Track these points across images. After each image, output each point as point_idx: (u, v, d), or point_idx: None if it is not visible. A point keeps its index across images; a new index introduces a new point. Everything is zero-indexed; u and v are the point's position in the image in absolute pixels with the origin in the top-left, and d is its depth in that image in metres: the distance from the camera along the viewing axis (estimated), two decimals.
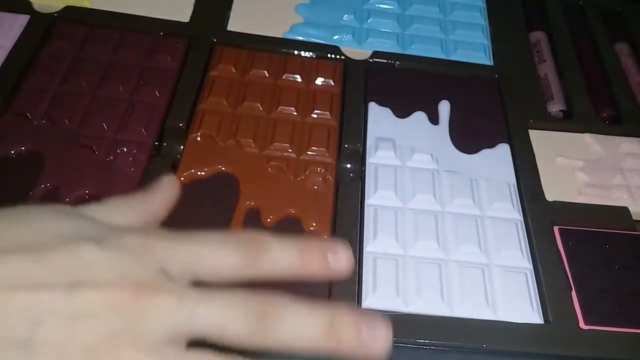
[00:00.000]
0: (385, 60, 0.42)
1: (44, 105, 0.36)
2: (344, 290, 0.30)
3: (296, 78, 0.40)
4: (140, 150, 0.35)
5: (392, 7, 0.46)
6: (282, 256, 0.25)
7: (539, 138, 0.39)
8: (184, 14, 0.43)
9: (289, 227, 0.33)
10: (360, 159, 0.36)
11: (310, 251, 0.25)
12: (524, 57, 0.44)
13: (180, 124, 0.36)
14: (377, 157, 0.36)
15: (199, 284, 0.24)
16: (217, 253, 0.24)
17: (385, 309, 0.30)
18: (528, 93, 0.42)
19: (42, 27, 0.40)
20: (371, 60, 0.42)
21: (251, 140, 0.36)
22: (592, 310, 0.31)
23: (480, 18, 0.47)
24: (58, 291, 0.21)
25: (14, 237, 0.22)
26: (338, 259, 0.26)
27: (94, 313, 0.22)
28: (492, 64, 0.43)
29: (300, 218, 0.33)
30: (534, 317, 0.30)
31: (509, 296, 0.31)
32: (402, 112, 0.39)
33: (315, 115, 0.38)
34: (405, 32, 0.45)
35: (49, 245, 0.22)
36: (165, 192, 0.29)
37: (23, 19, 0.41)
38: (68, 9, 0.42)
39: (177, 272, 0.24)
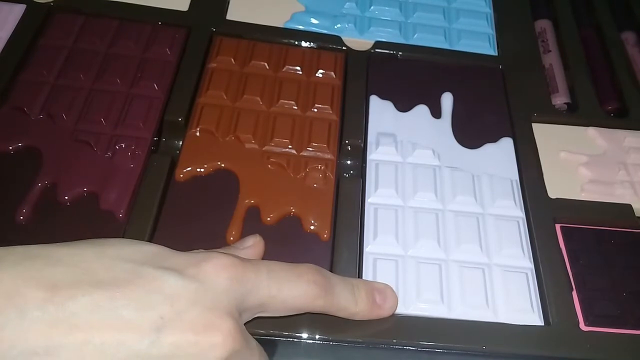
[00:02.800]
0: (388, 51, 0.41)
1: (42, 99, 0.36)
2: None
3: (297, 70, 0.39)
4: (138, 146, 0.34)
5: None
6: (342, 292, 0.27)
7: (542, 132, 0.38)
8: (182, 3, 0.42)
9: (289, 226, 0.32)
10: (361, 155, 0.36)
11: (361, 291, 0.28)
12: (529, 47, 0.44)
13: (179, 119, 0.36)
14: (378, 153, 0.36)
15: None
16: (292, 285, 0.25)
17: None
18: (532, 85, 0.41)
19: (39, 17, 0.40)
20: (373, 51, 0.41)
21: (251, 136, 0.35)
22: (593, 311, 0.31)
23: (484, 6, 0.46)
24: (143, 332, 0.20)
25: (91, 265, 0.21)
26: (385, 299, 0.28)
27: (181, 356, 0.20)
28: (496, 54, 0.43)
29: (300, 217, 0.33)
30: (534, 318, 0.30)
31: (510, 297, 0.31)
32: (403, 105, 0.38)
33: (315, 110, 0.37)
34: (408, 21, 0.44)
35: (131, 277, 0.21)
36: (250, 250, 0.28)
37: (19, 9, 0.40)
38: None
39: (253, 305, 0.24)
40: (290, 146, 0.35)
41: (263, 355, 0.24)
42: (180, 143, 0.35)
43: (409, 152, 0.36)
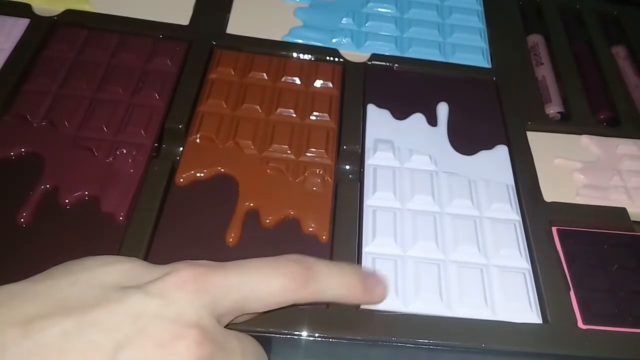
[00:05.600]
0: (384, 63, 0.42)
1: (44, 108, 0.36)
2: None
3: (295, 80, 0.40)
4: (139, 152, 0.35)
5: (390, 11, 0.47)
6: (328, 278, 0.26)
7: (536, 140, 0.39)
8: (183, 17, 0.43)
9: (288, 228, 0.33)
10: (358, 160, 0.36)
11: (351, 274, 0.27)
12: (521, 60, 0.45)
13: (180, 126, 0.36)
14: (376, 159, 0.36)
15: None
16: (267, 281, 0.25)
17: (384, 309, 0.30)
18: (526, 95, 0.42)
19: (42, 31, 0.41)
20: (370, 63, 0.42)
21: (250, 142, 0.36)
22: (591, 310, 0.31)
23: (478, 22, 0.47)
24: (108, 352, 0.21)
25: (63, 295, 0.22)
26: (376, 283, 0.28)
27: None
28: (490, 66, 0.44)
29: (299, 219, 0.33)
30: (533, 317, 0.30)
31: (508, 296, 0.31)
32: (400, 114, 0.39)
33: (314, 117, 0.38)
34: (404, 35, 0.45)
35: (98, 301, 0.22)
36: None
37: (23, 23, 0.41)
38: (68, 12, 0.42)
39: (227, 309, 0.24)
40: (289, 152, 0.36)
41: (249, 351, 0.24)
42: (181, 149, 0.36)
43: (407, 158, 0.36)
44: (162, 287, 0.23)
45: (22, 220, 0.32)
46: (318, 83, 0.40)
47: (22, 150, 0.34)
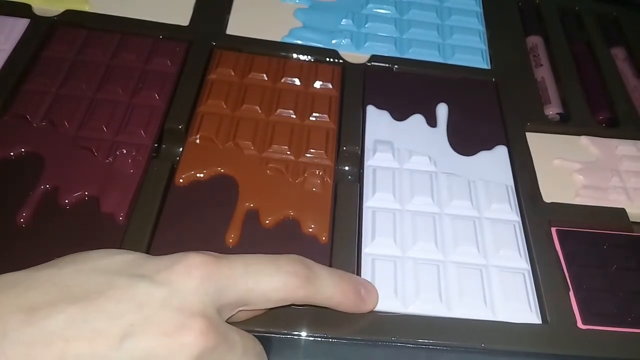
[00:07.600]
0: (384, 64, 0.42)
1: (44, 108, 0.36)
2: None
3: (295, 81, 0.40)
4: (139, 152, 0.35)
5: (389, 12, 0.47)
6: (327, 282, 0.26)
7: (536, 140, 0.39)
8: (183, 18, 0.43)
9: (288, 228, 0.33)
10: (358, 161, 0.36)
11: (347, 282, 0.28)
12: (521, 61, 0.45)
13: (180, 126, 0.36)
14: (375, 160, 0.36)
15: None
16: (270, 276, 0.25)
17: (384, 310, 0.30)
18: (525, 96, 0.42)
19: (42, 31, 0.41)
20: (369, 64, 0.42)
21: (250, 143, 0.36)
22: (590, 311, 0.31)
23: (477, 23, 0.47)
24: (114, 340, 0.21)
25: (68, 283, 0.22)
26: (369, 294, 0.29)
27: (154, 357, 0.21)
28: (489, 67, 0.44)
29: (299, 220, 0.33)
30: (532, 317, 0.30)
31: (507, 296, 0.31)
32: (400, 115, 0.39)
33: (313, 118, 0.38)
34: (403, 37, 0.45)
35: (103, 289, 0.22)
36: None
37: (23, 23, 0.41)
38: (68, 13, 0.42)
39: (230, 299, 0.24)
40: (288, 152, 0.36)
41: (250, 349, 0.24)
42: (181, 150, 0.36)
43: (406, 159, 0.36)
44: (169, 274, 0.23)
45: (22, 220, 0.32)
46: (318, 84, 0.40)
47: (22, 150, 0.34)
